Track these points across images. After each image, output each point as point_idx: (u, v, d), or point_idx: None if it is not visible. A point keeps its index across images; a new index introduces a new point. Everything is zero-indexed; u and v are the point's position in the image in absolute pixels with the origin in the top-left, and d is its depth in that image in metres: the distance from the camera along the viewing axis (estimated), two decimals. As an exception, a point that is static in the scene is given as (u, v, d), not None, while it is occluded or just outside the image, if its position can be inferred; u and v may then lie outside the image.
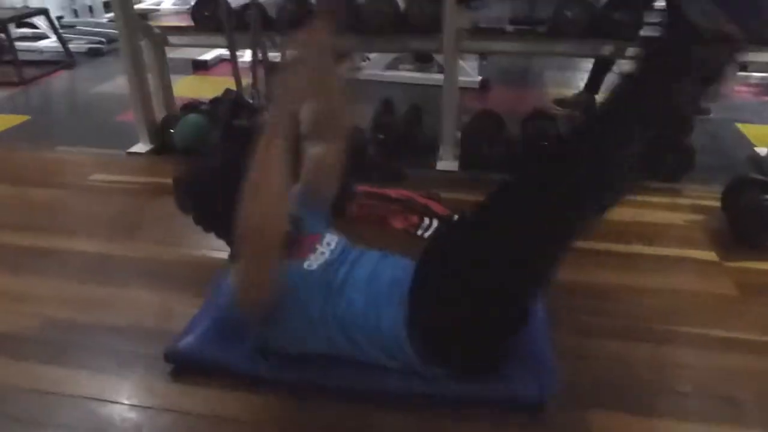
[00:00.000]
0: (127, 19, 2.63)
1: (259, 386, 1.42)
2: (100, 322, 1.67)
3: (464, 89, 3.60)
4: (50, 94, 3.99)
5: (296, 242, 1.44)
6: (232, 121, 2.38)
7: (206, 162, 1.58)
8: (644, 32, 2.33)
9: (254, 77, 2.57)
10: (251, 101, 2.45)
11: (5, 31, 4.08)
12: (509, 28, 2.75)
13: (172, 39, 2.85)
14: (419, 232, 2.07)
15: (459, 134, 2.68)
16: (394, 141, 2.74)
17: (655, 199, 2.27)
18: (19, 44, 4.71)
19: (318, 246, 1.46)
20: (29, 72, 4.12)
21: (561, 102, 3.31)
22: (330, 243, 1.49)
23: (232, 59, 2.55)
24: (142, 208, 2.33)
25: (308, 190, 1.58)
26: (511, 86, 3.76)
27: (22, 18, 4.59)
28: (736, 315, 1.68)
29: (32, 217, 2.27)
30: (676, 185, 2.37)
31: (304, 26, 1.31)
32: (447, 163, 2.59)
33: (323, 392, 1.39)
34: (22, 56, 4.50)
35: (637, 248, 1.98)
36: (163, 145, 2.82)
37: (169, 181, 1.57)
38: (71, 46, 4.62)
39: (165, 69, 2.92)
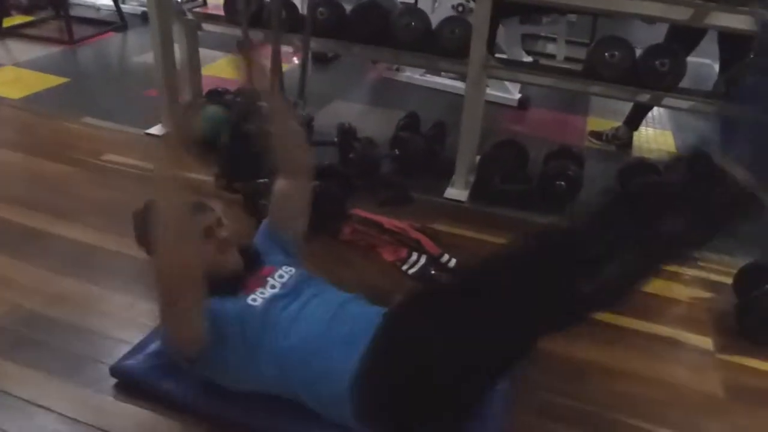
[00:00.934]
0: (159, 2, 2.63)
1: (194, 418, 1.40)
2: (65, 320, 1.69)
3: (500, 106, 3.49)
4: (94, 57, 4.06)
5: (246, 276, 1.44)
6: (242, 124, 2.35)
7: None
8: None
9: (273, 79, 2.52)
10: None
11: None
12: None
13: (206, 26, 2.83)
14: (405, 267, 2.01)
15: (478, 159, 2.59)
16: (410, 158, 2.66)
17: (664, 266, 2.12)
18: (78, 0, 4.85)
19: (270, 279, 1.44)
20: (80, 31, 4.21)
21: (598, 135, 3.14)
22: (283, 276, 1.46)
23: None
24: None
25: (273, 224, 1.59)
26: (552, 108, 3.59)
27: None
28: (715, 421, 1.56)
29: (34, 193, 2.32)
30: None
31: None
32: (457, 191, 2.50)
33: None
34: (81, 12, 4.63)
35: (627, 321, 1.86)
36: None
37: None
38: (126, 7, 4.69)
39: (195, 53, 2.92)
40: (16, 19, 4.44)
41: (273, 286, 1.43)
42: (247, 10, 2.45)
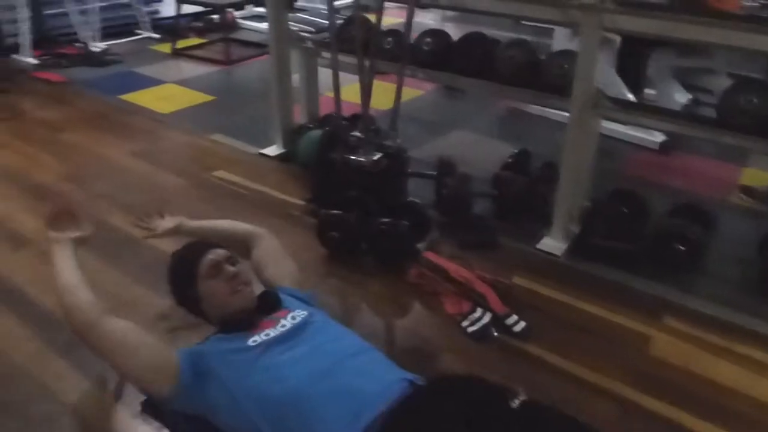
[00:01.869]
0: (278, 29, 2.74)
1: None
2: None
3: (638, 148, 3.12)
4: (243, 78, 4.38)
5: (261, 317, 1.41)
6: (327, 152, 2.34)
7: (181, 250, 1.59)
8: None
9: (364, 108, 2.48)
10: (353, 135, 2.37)
11: (221, 13, 4.57)
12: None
13: (325, 53, 2.89)
14: (464, 324, 1.83)
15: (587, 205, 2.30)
16: (509, 200, 2.46)
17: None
18: (247, 23, 5.30)
19: (282, 320, 1.39)
20: (238, 52, 4.59)
21: (750, 190, 2.65)
22: (296, 318, 1.40)
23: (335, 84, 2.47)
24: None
25: (274, 282, 1.60)
26: (702, 154, 3.11)
27: (243, 3, 5.08)
28: None
29: (144, 202, 2.51)
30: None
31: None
32: (553, 243, 2.24)
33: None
34: (246, 35, 5.05)
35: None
36: (290, 154, 2.91)
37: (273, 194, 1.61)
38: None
39: (313, 78, 2.99)
40: (189, 41, 4.97)
41: (283, 326, 1.37)
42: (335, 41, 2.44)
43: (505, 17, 2.23)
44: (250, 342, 1.32)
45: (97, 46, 4.64)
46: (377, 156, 2.21)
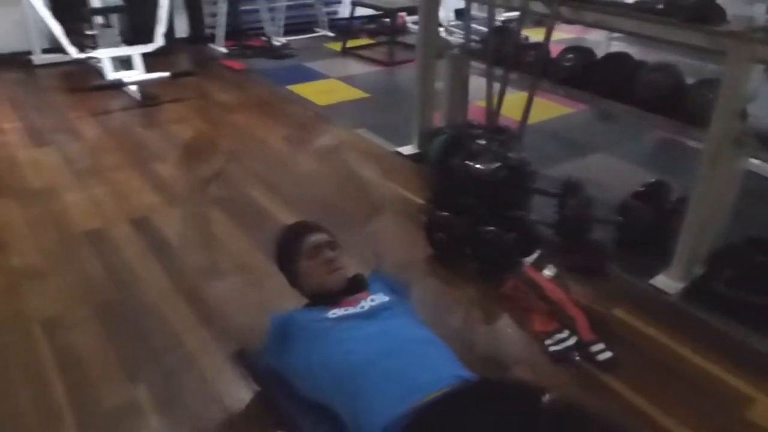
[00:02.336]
0: (427, 35, 2.87)
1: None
2: (233, 289, 2.03)
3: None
4: (399, 79, 4.58)
5: (345, 297, 1.54)
6: (448, 156, 2.41)
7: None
8: None
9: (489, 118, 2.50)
10: (476, 142, 2.40)
11: (392, 16, 4.82)
12: None
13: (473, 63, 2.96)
14: (547, 342, 1.80)
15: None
16: (631, 230, 2.35)
17: None
18: (416, 27, 5.52)
19: (362, 301, 1.52)
20: (401, 54, 4.81)
21: None
22: (374, 300, 1.52)
23: (487, 92, 2.52)
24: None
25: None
26: None
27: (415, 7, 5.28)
28: None
29: (283, 182, 2.79)
30: None
31: None
32: (668, 281, 2.10)
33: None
34: (412, 39, 5.27)
35: None
36: (422, 155, 3.03)
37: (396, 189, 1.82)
38: (452, 38, 5.15)
39: (457, 86, 3.07)
40: (359, 41, 5.31)
41: (362, 306, 1.49)
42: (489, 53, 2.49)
43: (652, 40, 2.10)
44: (330, 314, 1.47)
45: (279, 41, 5.14)
46: (495, 166, 2.25)
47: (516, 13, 2.86)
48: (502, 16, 4.75)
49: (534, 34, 3.88)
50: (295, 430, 1.44)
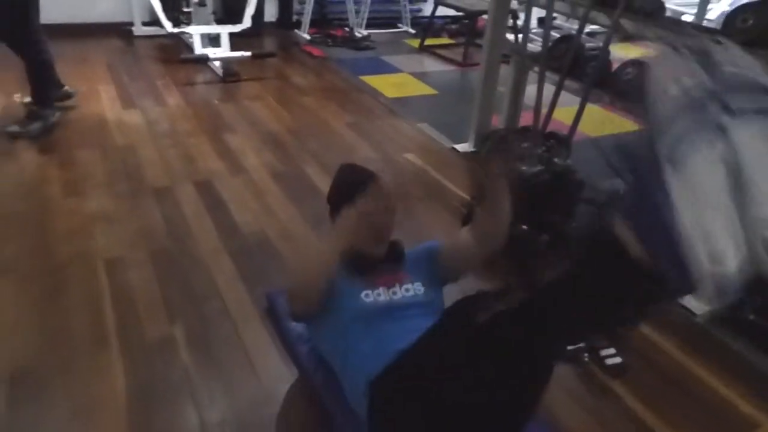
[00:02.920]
0: (493, 39, 2.93)
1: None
2: (274, 252, 2.20)
3: None
4: (469, 80, 4.63)
5: (382, 269, 1.53)
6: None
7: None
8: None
9: (536, 121, 2.54)
10: (523, 145, 2.45)
11: (472, 19, 4.88)
12: None
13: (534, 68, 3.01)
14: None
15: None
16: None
17: None
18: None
19: (398, 285, 1.50)
20: (477, 56, 4.84)
21: None
22: (409, 290, 1.50)
23: (537, 97, 2.56)
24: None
25: (441, 253, 1.61)
26: None
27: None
28: None
29: (335, 162, 2.92)
30: None
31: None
32: (697, 302, 2.09)
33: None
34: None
35: None
36: (476, 154, 3.10)
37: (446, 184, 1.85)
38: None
39: (519, 89, 3.12)
40: (438, 40, 5.40)
41: (395, 293, 1.48)
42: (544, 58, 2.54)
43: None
44: (363, 295, 1.45)
45: (360, 33, 5.31)
46: (537, 169, 2.30)
47: (597, 27, 2.89)
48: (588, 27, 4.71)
49: (624, 51, 3.84)
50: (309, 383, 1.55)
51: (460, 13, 5.33)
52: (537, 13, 5.27)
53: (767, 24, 1.89)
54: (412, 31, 5.64)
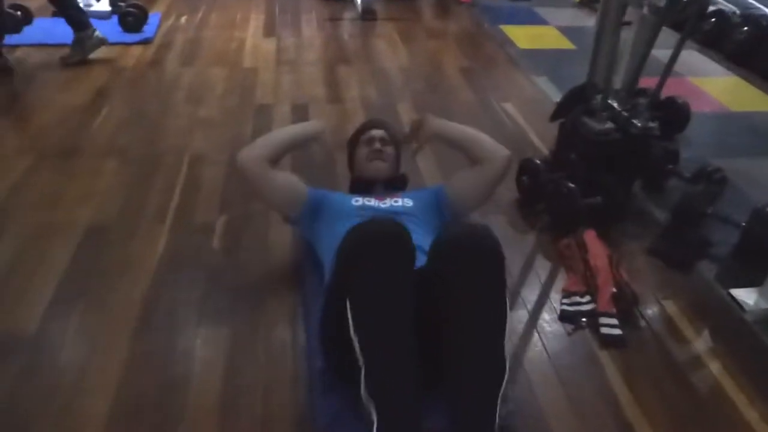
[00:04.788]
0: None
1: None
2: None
3: None
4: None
5: (379, 190, 1.77)
6: (569, 106, 2.30)
7: None
8: None
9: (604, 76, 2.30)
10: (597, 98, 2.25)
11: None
12: None
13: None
14: (564, 300, 1.78)
15: None
16: (753, 240, 2.05)
17: None
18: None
19: (389, 199, 1.68)
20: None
21: None
22: (398, 201, 1.67)
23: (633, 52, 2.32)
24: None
25: (446, 192, 1.77)
26: None
27: None
28: None
29: (428, 103, 2.97)
30: None
31: None
32: (752, 296, 1.81)
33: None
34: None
35: None
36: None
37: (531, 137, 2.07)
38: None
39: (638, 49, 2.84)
40: (604, -5, 4.99)
41: (383, 203, 1.66)
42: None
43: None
44: (353, 200, 1.68)
45: (524, -18, 5.10)
46: (606, 126, 2.14)
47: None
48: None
49: None
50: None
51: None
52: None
53: None
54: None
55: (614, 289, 1.75)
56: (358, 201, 1.68)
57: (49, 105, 2.85)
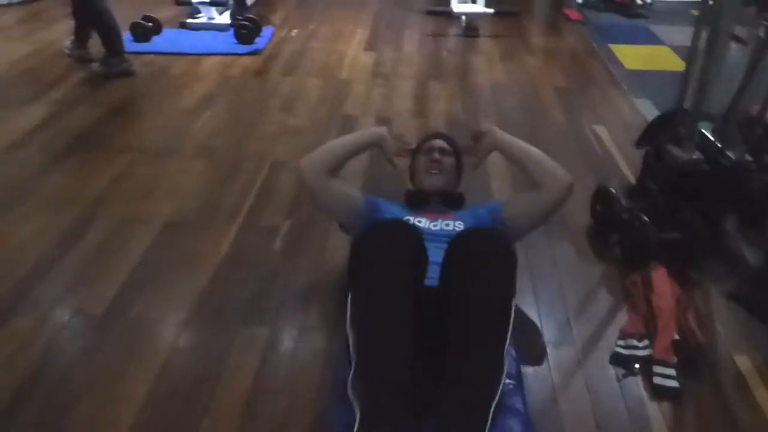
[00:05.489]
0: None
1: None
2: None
3: None
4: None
5: (433, 206, 1.77)
6: (656, 132, 2.13)
7: None
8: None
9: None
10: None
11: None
12: None
13: None
14: (619, 342, 1.65)
15: None
16: None
17: None
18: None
19: (441, 219, 1.67)
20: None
21: None
22: (448, 225, 1.65)
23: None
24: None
25: (502, 212, 1.71)
26: None
27: None
28: None
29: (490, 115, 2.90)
30: None
31: None
32: None
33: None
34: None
35: None
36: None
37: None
38: None
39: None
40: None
41: (435, 225, 1.64)
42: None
43: None
44: (405, 217, 1.67)
45: (645, 0, 4.83)
46: (693, 156, 1.97)
47: None
48: None
49: None
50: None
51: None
52: None
53: None
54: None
55: (676, 336, 1.60)
56: (409, 219, 1.66)
57: (159, 107, 3.12)
